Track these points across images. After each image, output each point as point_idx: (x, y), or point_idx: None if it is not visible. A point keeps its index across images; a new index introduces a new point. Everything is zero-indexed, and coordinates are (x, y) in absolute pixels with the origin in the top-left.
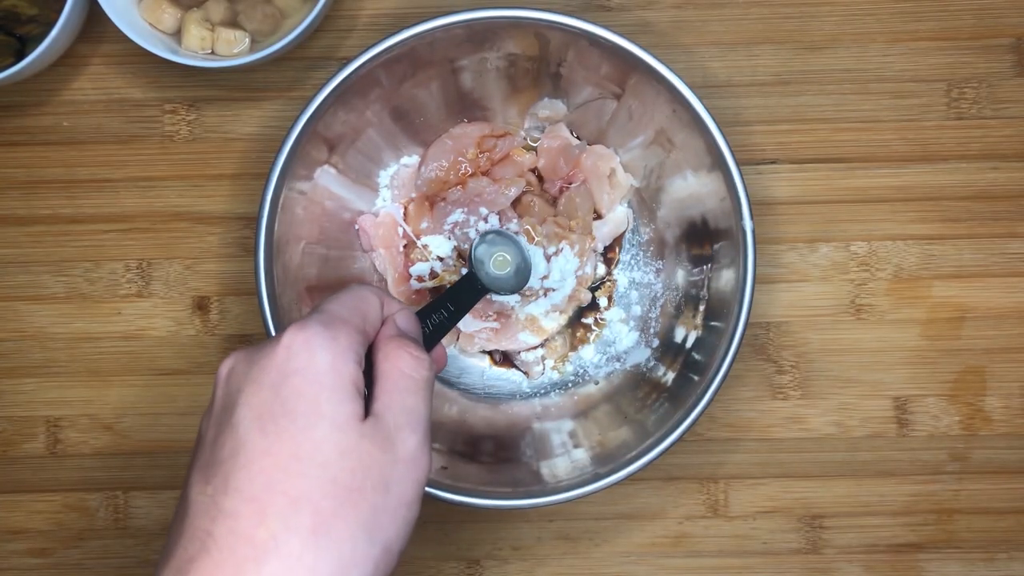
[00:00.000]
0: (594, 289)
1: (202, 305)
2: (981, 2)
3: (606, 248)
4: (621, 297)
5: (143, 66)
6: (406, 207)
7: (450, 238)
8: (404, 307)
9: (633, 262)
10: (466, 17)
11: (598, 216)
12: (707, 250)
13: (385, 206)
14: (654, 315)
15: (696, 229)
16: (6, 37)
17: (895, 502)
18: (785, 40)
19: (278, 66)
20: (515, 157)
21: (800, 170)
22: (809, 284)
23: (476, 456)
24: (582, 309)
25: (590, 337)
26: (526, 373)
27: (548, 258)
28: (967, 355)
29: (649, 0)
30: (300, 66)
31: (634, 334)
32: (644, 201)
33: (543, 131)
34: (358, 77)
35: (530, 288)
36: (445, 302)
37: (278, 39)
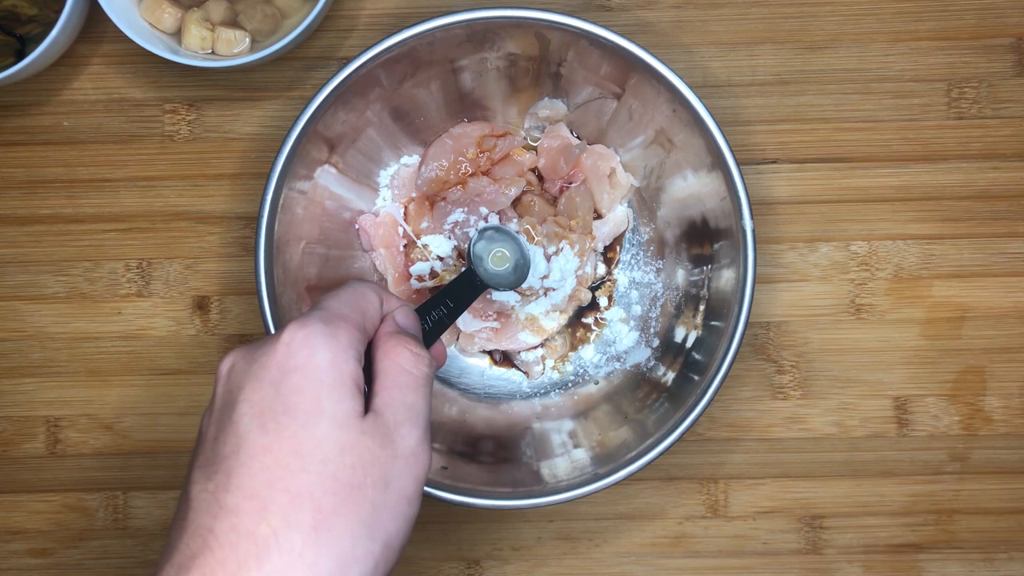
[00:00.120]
0: (594, 289)
1: (202, 305)
2: (982, 2)
3: (606, 248)
4: (621, 297)
5: (143, 66)
6: (406, 207)
7: (450, 238)
8: (403, 304)
9: (633, 262)
10: (466, 17)
11: (598, 216)
12: (707, 250)
13: (385, 206)
14: (654, 315)
15: (696, 229)
16: (6, 37)
17: (895, 502)
18: (785, 40)
19: (278, 66)
20: (515, 157)
21: (800, 170)
22: (809, 284)
23: (476, 456)
24: (582, 309)
25: (590, 337)
26: (526, 373)
27: (548, 258)
28: (967, 355)
29: (649, 0)
30: (300, 66)
31: (634, 334)
32: (644, 201)
33: (543, 131)
34: (358, 77)
35: (530, 288)
36: (444, 298)
37: (278, 39)
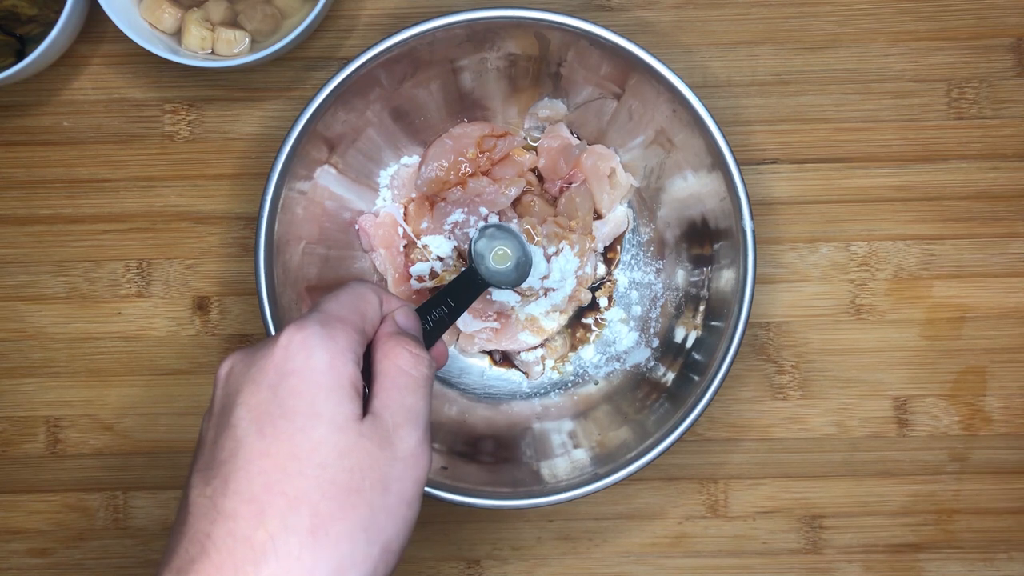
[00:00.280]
0: (594, 289)
1: (202, 305)
2: (982, 2)
3: (606, 248)
4: (621, 297)
5: (143, 66)
6: (406, 207)
7: (450, 238)
8: (404, 304)
9: (633, 262)
10: (466, 17)
11: (598, 216)
12: (707, 250)
13: (385, 206)
14: (654, 315)
15: (696, 229)
16: (6, 37)
17: (895, 502)
18: (786, 40)
19: (278, 66)
20: (515, 157)
21: (800, 170)
22: (809, 284)
23: (476, 456)
24: (582, 309)
25: (590, 337)
26: (526, 373)
27: (548, 258)
28: (967, 355)
29: (649, 0)
30: (300, 66)
31: (634, 334)
32: (644, 201)
33: (543, 131)
34: (358, 77)
35: (530, 288)
36: (445, 298)
37: (278, 39)
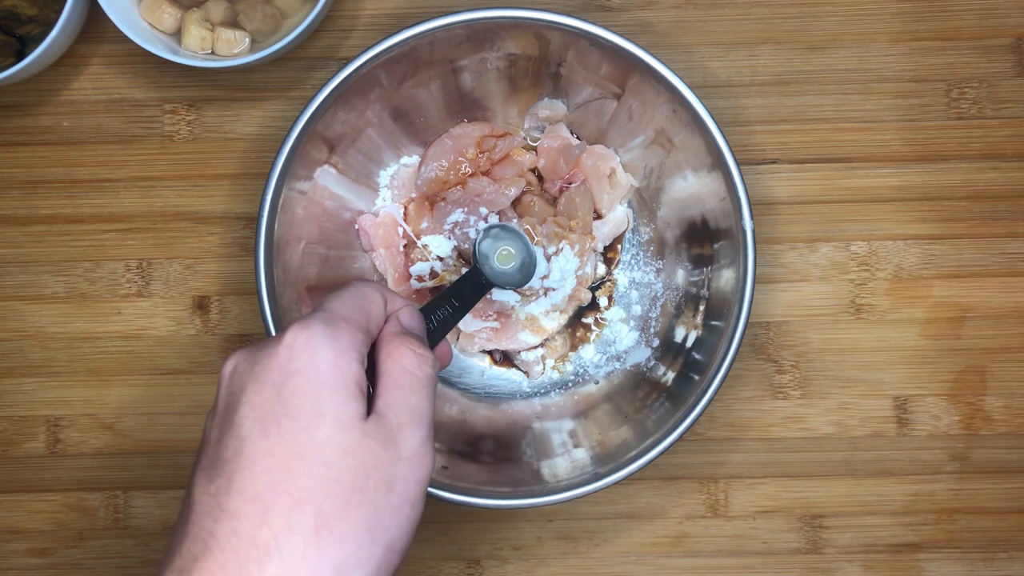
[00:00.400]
0: (594, 289)
1: (202, 305)
2: (982, 2)
3: (606, 248)
4: (621, 297)
5: (143, 66)
6: (406, 207)
7: (450, 238)
8: (408, 303)
9: (633, 262)
10: (466, 17)
11: (598, 216)
12: (707, 250)
13: (385, 206)
14: (654, 315)
15: (696, 229)
16: (6, 37)
17: (895, 502)
18: (786, 40)
19: (278, 66)
20: (515, 157)
21: (800, 170)
22: (809, 284)
23: (476, 456)
24: (582, 309)
25: (590, 337)
26: (526, 373)
27: (548, 258)
28: (967, 355)
29: (649, 0)
30: (300, 66)
31: (634, 334)
32: (644, 201)
33: (543, 131)
34: (358, 77)
35: (530, 288)
36: (449, 298)
37: (278, 39)
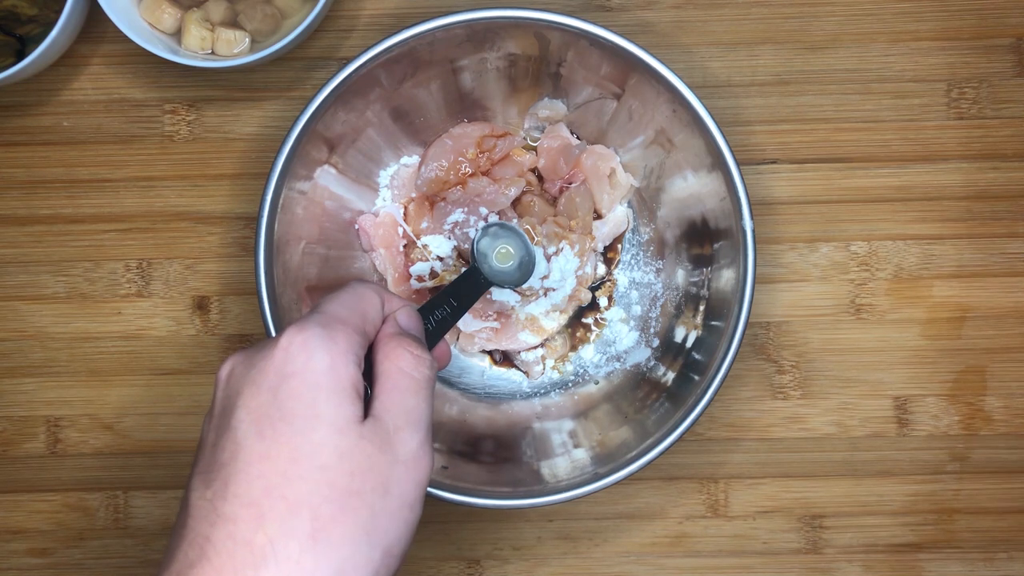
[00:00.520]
0: (594, 289)
1: (202, 305)
2: (982, 2)
3: (606, 248)
4: (621, 297)
5: (143, 66)
6: (406, 207)
7: (450, 238)
8: (406, 304)
9: (633, 262)
10: (466, 17)
11: (598, 216)
12: (707, 250)
13: (385, 206)
14: (654, 315)
15: (696, 229)
16: (6, 37)
17: (895, 502)
18: (786, 40)
19: (278, 66)
20: (515, 157)
21: (800, 170)
22: (809, 284)
23: (476, 456)
24: (582, 309)
25: (590, 337)
26: (526, 373)
27: (548, 258)
28: (967, 355)
29: (649, 0)
30: (300, 66)
31: (634, 334)
32: (644, 201)
33: (543, 131)
34: (358, 77)
35: (530, 288)
36: (448, 297)
37: (278, 39)
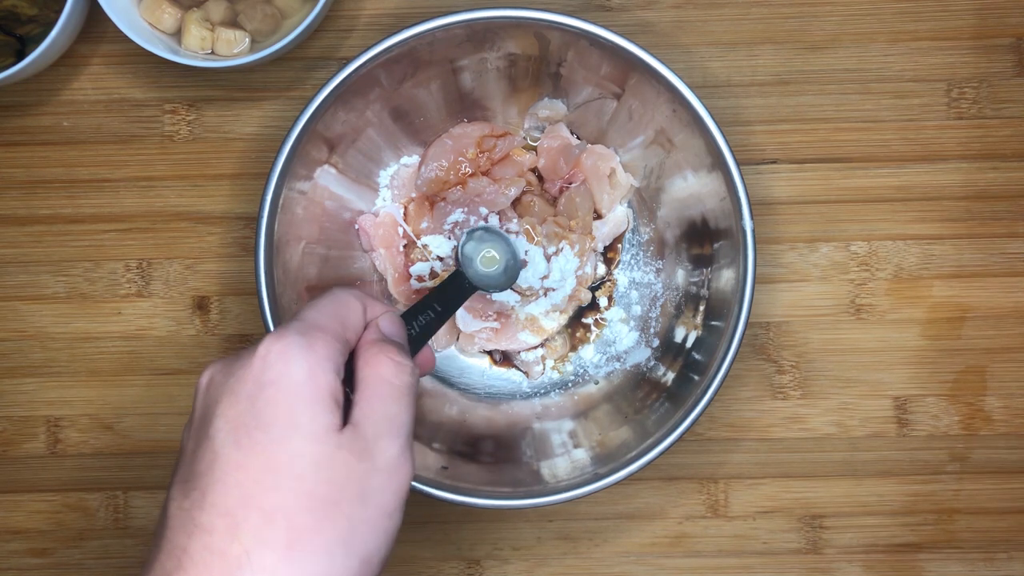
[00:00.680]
0: (594, 289)
1: (202, 305)
2: (982, 2)
3: (606, 248)
4: (621, 297)
5: (143, 66)
6: (406, 207)
7: (450, 238)
8: (389, 310)
9: (633, 262)
10: (466, 17)
11: (598, 216)
12: (707, 250)
13: (385, 206)
14: (654, 315)
15: (696, 229)
16: (6, 37)
17: (895, 502)
18: (785, 40)
19: (278, 66)
20: (515, 157)
21: (800, 170)
22: (809, 284)
23: (476, 456)
24: (582, 309)
25: (590, 337)
26: (526, 373)
27: (548, 258)
28: (967, 355)
29: (649, 0)
30: (300, 66)
31: (634, 334)
32: (644, 201)
33: (543, 131)
34: (358, 77)
35: (530, 288)
36: (432, 302)
37: (278, 39)
